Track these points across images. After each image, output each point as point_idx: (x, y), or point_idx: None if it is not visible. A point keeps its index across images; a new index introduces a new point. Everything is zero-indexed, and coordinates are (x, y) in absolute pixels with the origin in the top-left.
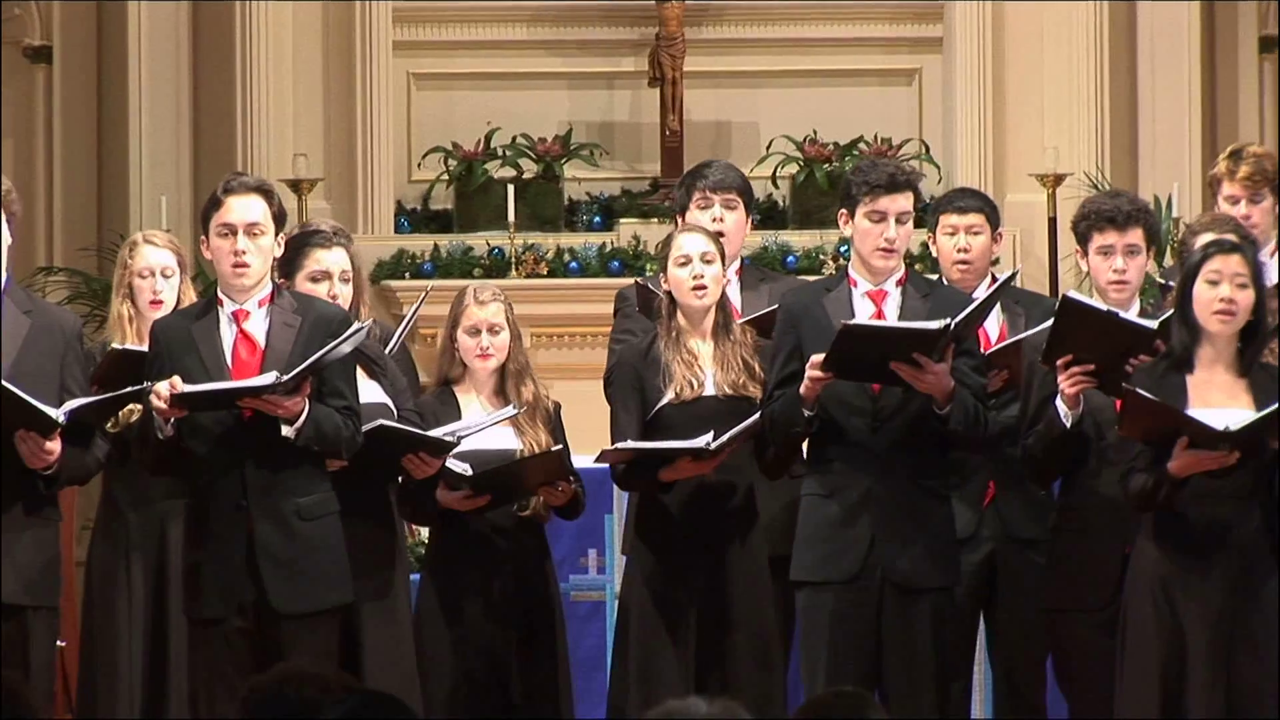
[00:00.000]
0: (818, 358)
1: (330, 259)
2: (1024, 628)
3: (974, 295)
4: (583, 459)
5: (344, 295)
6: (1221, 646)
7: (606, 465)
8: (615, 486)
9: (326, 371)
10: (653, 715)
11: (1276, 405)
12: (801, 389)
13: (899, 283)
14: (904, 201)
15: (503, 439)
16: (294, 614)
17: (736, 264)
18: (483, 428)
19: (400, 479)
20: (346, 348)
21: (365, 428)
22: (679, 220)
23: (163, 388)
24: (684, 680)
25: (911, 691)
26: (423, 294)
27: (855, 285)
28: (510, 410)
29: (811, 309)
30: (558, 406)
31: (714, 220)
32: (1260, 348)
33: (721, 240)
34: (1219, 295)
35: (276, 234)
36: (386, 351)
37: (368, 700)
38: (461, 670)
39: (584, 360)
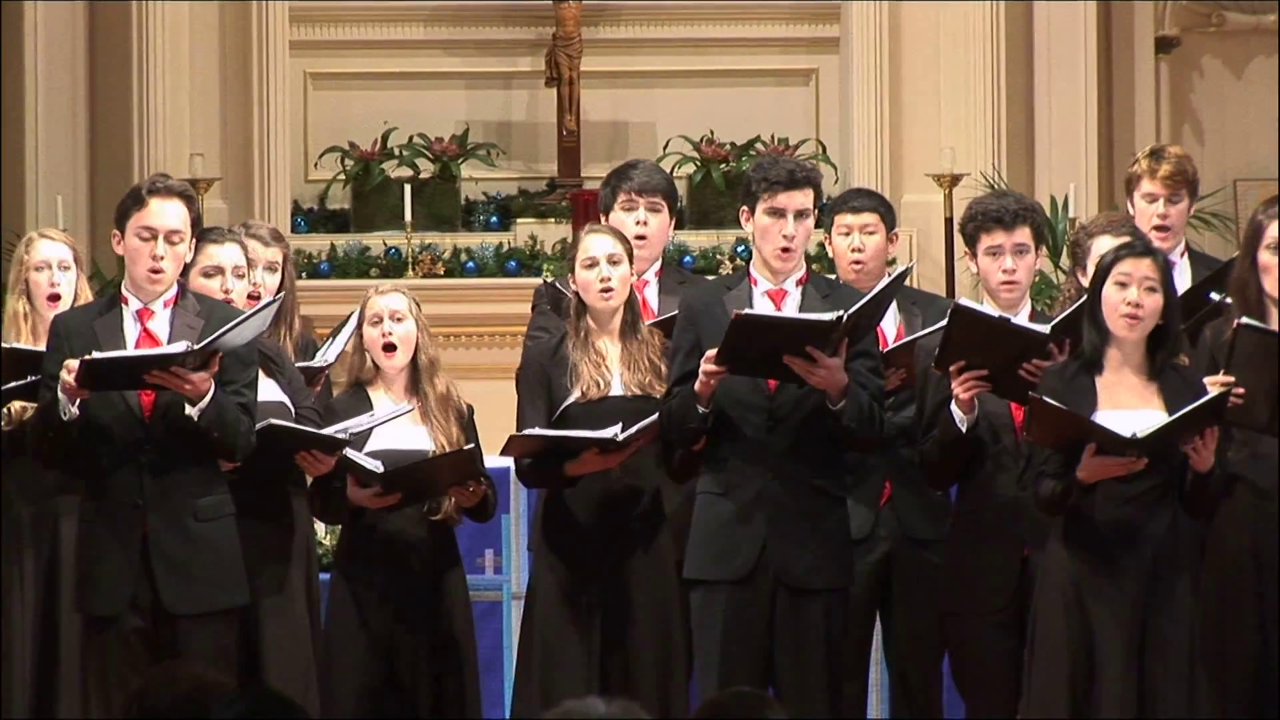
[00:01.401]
0: (712, 352)
1: (223, 255)
2: (920, 628)
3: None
4: (484, 459)
5: (237, 290)
6: (1133, 648)
7: (505, 465)
8: (512, 488)
9: (228, 368)
10: (551, 715)
11: (1182, 412)
12: (696, 385)
13: (799, 282)
14: (802, 198)
15: (416, 439)
16: (188, 614)
17: (656, 266)
18: (378, 423)
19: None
20: (251, 327)
21: (255, 427)
22: (602, 219)
23: (73, 362)
24: (588, 681)
25: (803, 692)
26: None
27: (756, 284)
28: (406, 407)
29: (711, 307)
30: (471, 410)
31: (638, 223)
32: (1170, 352)
33: (643, 242)
34: (1126, 299)
35: (191, 238)
36: (327, 358)
37: (260, 701)
38: (369, 670)
39: (482, 360)
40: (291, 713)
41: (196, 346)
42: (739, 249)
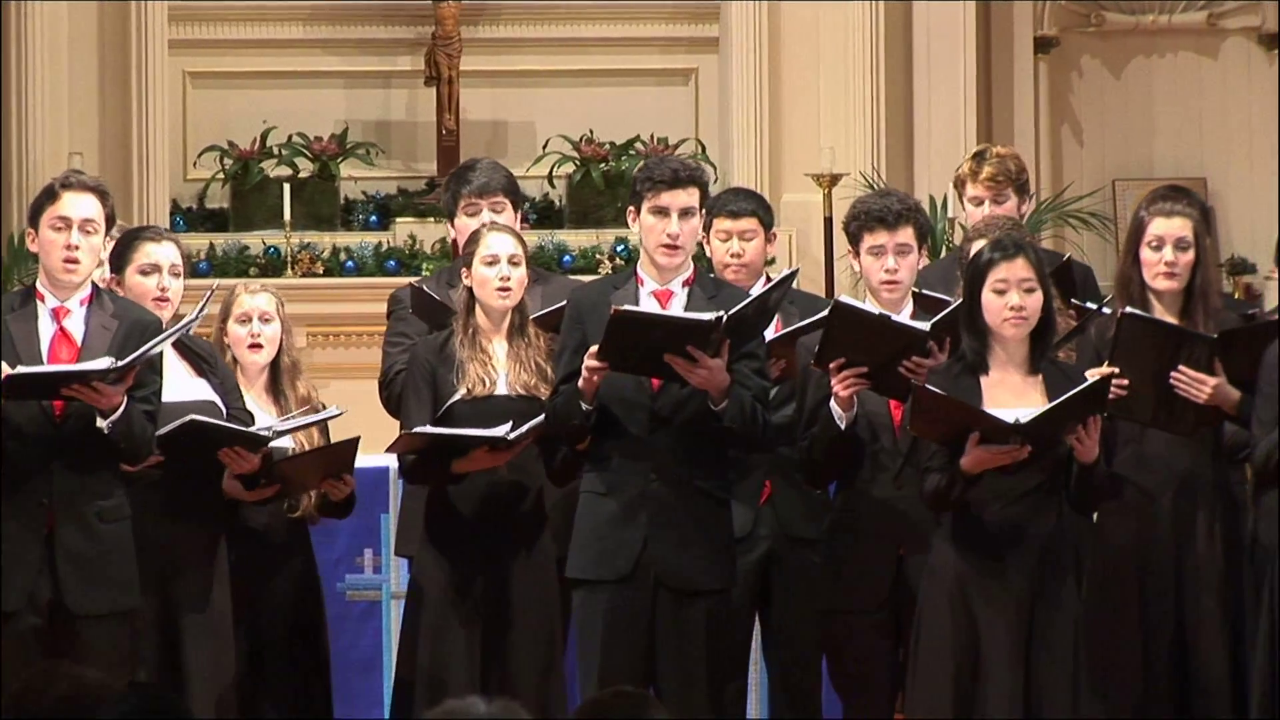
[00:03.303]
0: (595, 349)
1: (160, 253)
2: (800, 627)
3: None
4: (360, 458)
5: (174, 289)
6: (1018, 647)
7: (384, 465)
8: (391, 486)
9: (138, 374)
10: (432, 715)
11: (1065, 396)
12: (580, 382)
13: (686, 283)
14: (687, 197)
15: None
16: (89, 614)
17: None
18: (296, 427)
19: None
20: (168, 343)
21: (177, 423)
22: (450, 225)
23: None
24: (468, 680)
25: (684, 692)
26: (208, 292)
27: (642, 284)
28: (335, 410)
29: (599, 305)
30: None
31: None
32: (1048, 344)
33: None
34: (1008, 304)
35: (105, 235)
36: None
37: (145, 700)
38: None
39: (360, 360)
40: (176, 711)
41: (120, 364)
42: (619, 248)
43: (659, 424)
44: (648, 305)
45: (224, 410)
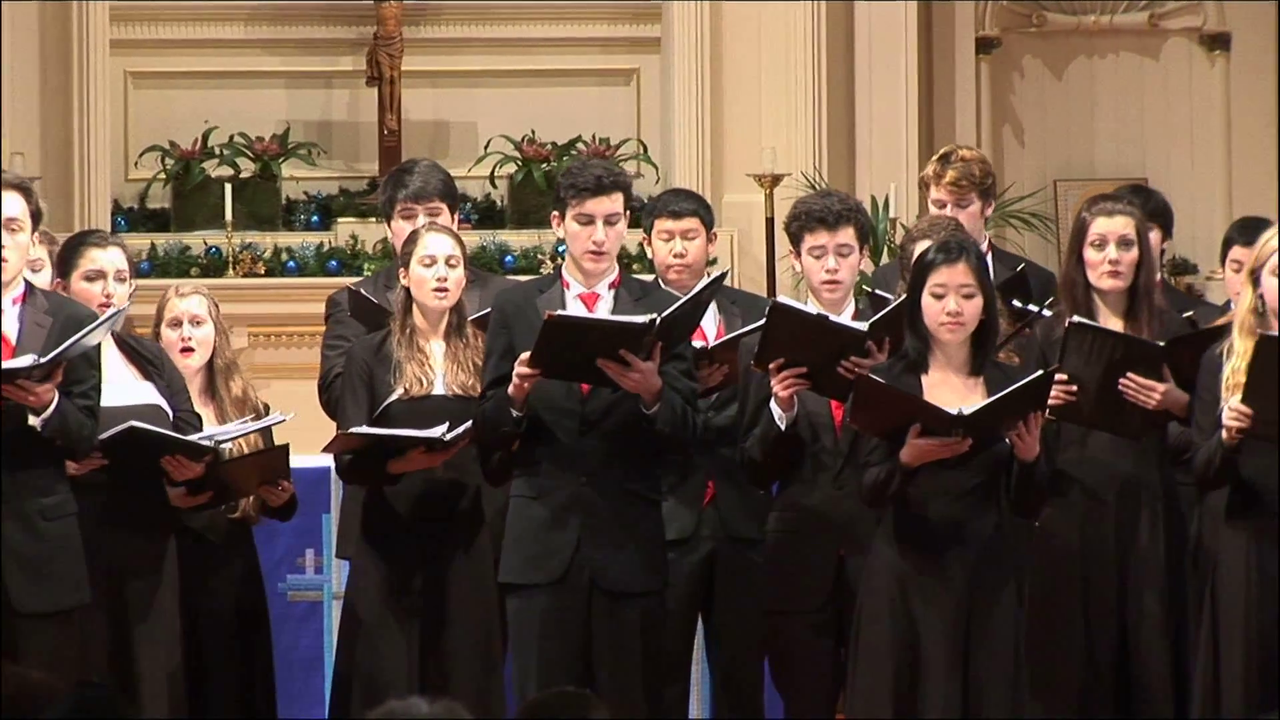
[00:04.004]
0: (526, 355)
1: (105, 258)
2: (742, 628)
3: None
4: (301, 458)
5: (119, 294)
6: (957, 647)
7: (325, 465)
8: (333, 487)
9: (75, 368)
10: (374, 715)
11: (1007, 390)
12: (510, 388)
13: (612, 285)
14: (611, 204)
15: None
16: (33, 613)
17: None
18: (242, 434)
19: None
20: (98, 335)
21: (116, 429)
22: (387, 226)
23: None
24: (408, 680)
25: (621, 695)
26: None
27: (568, 287)
28: (278, 417)
29: (525, 309)
30: (268, 409)
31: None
32: (990, 347)
33: None
34: (945, 309)
35: (33, 233)
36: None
37: (90, 700)
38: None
39: (302, 360)
40: (123, 714)
41: (42, 360)
42: (560, 249)
43: (589, 428)
44: (574, 309)
45: (170, 413)
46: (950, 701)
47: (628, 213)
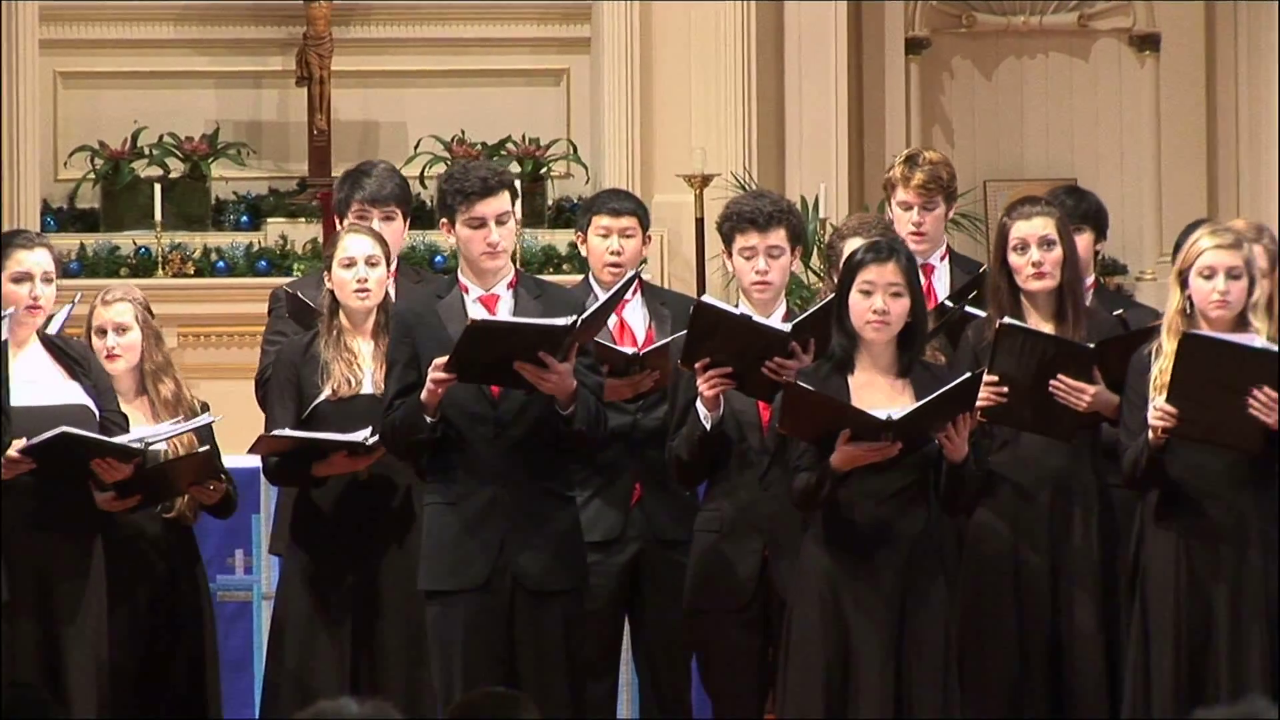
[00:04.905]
0: (441, 360)
1: (32, 259)
2: (669, 628)
3: (596, 294)
4: (233, 458)
5: (45, 296)
6: (889, 648)
7: (255, 465)
8: (262, 487)
9: None
10: (304, 716)
11: (937, 394)
12: (423, 394)
13: (510, 285)
14: (499, 203)
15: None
16: None
17: (392, 266)
18: (170, 435)
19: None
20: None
21: (49, 434)
22: (337, 223)
23: None
24: (338, 680)
25: (544, 694)
26: (73, 299)
27: (467, 291)
28: (206, 418)
29: (425, 317)
30: (205, 407)
31: None
32: (917, 350)
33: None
34: (872, 306)
35: None
36: None
37: (15, 699)
38: (110, 671)
39: (232, 360)
40: (40, 710)
41: None
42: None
43: (501, 430)
44: (475, 312)
45: (97, 414)
46: (883, 703)
47: (514, 212)
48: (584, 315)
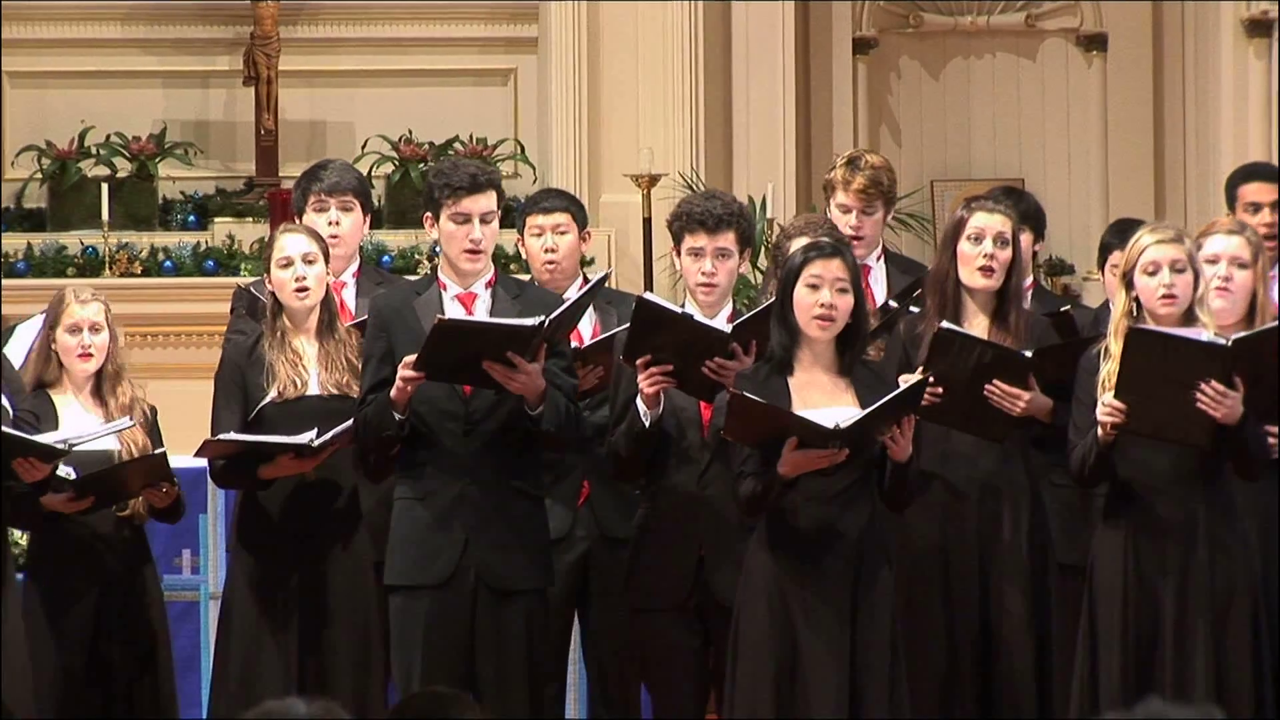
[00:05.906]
0: (411, 358)
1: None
2: (618, 627)
3: (566, 295)
4: (178, 459)
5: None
6: (838, 645)
7: (202, 465)
8: (209, 488)
9: None
10: (251, 716)
11: (883, 401)
12: (393, 392)
13: (488, 284)
14: (486, 201)
15: (101, 441)
16: None
17: (354, 267)
18: (96, 436)
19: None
20: None
21: None
22: (296, 220)
23: None
24: (285, 680)
25: (503, 692)
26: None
27: (445, 289)
28: (126, 422)
29: (402, 312)
30: (154, 410)
31: (330, 223)
32: (859, 350)
33: (337, 241)
34: (819, 301)
35: None
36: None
37: None
38: (62, 671)
39: (178, 359)
40: None
41: None
42: (437, 249)
43: (472, 429)
44: (452, 310)
45: (10, 413)
46: (837, 703)
47: (499, 212)
48: (552, 316)
